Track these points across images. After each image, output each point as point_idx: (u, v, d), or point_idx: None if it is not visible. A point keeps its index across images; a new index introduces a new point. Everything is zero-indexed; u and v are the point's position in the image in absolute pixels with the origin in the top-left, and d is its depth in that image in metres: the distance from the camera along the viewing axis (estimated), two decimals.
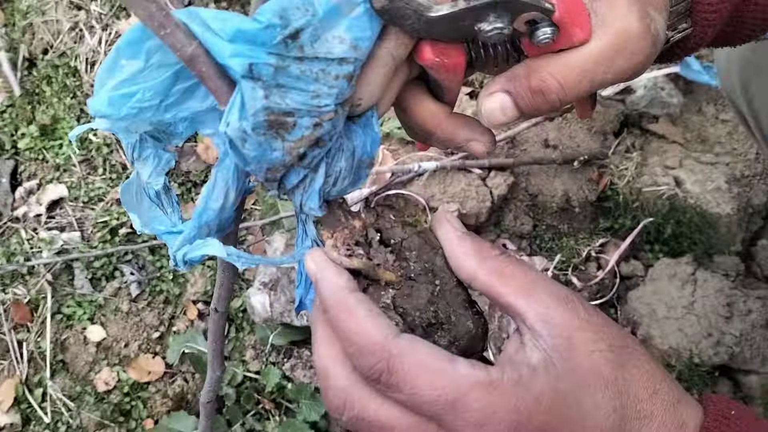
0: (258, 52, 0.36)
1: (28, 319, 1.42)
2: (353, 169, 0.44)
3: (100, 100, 0.40)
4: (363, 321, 0.41)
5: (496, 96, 0.46)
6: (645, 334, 1.31)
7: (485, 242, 0.46)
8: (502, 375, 0.40)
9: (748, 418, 0.42)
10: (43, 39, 1.65)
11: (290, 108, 0.38)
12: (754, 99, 0.87)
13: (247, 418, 1.28)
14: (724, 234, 1.37)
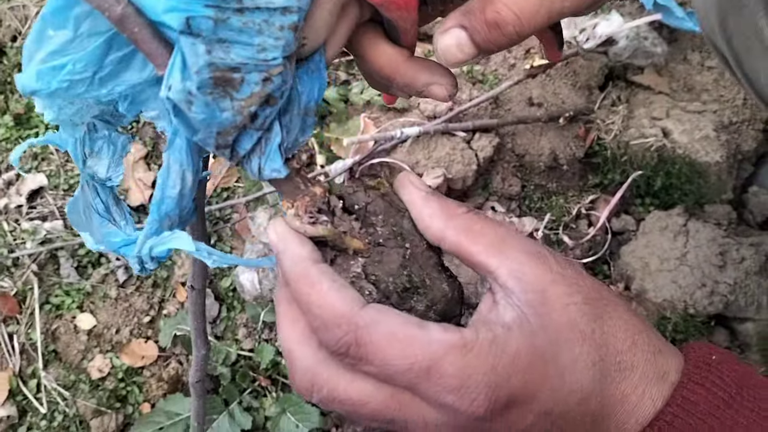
0: (194, 5, 0.34)
1: (16, 311, 1.40)
2: (301, 118, 0.41)
3: (29, 74, 0.37)
4: (327, 293, 0.39)
5: (452, 32, 0.44)
6: (639, 288, 1.30)
7: (451, 201, 0.45)
8: (476, 336, 0.39)
9: (730, 363, 0.42)
10: (10, 26, 1.61)
11: (236, 63, 0.36)
12: (733, 37, 0.85)
13: (243, 396, 1.27)
14: (715, 183, 1.35)
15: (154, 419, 1.25)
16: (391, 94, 0.52)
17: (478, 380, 0.38)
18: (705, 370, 0.41)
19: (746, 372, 0.42)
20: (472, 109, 1.38)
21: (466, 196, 1.41)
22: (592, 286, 0.42)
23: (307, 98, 0.41)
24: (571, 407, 0.40)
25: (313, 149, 1.43)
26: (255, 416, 1.25)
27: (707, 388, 0.40)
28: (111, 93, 0.38)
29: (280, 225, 0.43)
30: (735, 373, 0.41)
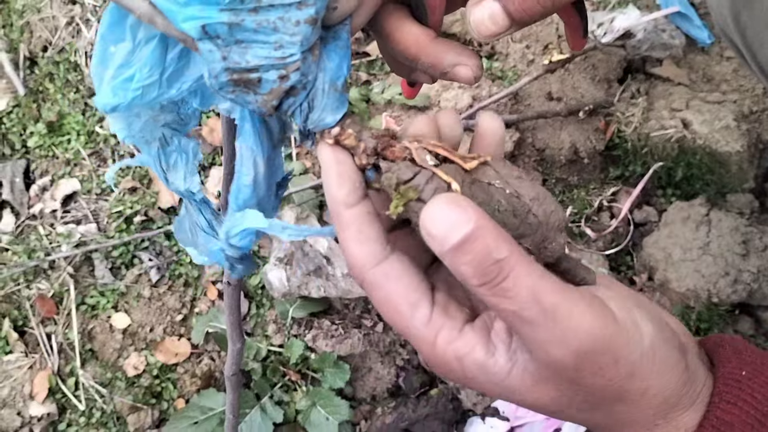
0: (210, 11, 0.35)
1: (54, 313, 1.45)
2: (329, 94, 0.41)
3: (104, 93, 0.39)
4: (348, 243, 0.40)
5: (484, 4, 0.43)
6: (662, 278, 1.31)
7: None
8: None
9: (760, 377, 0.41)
10: (41, 37, 1.66)
11: (252, 65, 0.37)
12: (747, 30, 0.86)
13: (274, 390, 1.30)
14: (736, 172, 1.36)
15: (189, 414, 1.29)
16: (414, 79, 0.53)
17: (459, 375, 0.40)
18: (736, 387, 0.41)
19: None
20: (492, 105, 1.40)
21: None
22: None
23: (335, 75, 0.41)
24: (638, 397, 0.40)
25: None
26: (286, 410, 1.29)
27: (740, 407, 0.40)
28: (180, 92, 0.40)
29: (324, 152, 0.41)
30: (765, 388, 0.41)
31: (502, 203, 0.39)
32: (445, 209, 0.35)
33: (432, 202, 0.35)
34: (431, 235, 0.35)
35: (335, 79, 0.40)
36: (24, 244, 1.51)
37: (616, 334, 0.37)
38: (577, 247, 1.40)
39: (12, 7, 1.69)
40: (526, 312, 0.35)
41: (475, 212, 0.35)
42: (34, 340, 1.44)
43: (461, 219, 0.34)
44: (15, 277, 1.47)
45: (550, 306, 0.35)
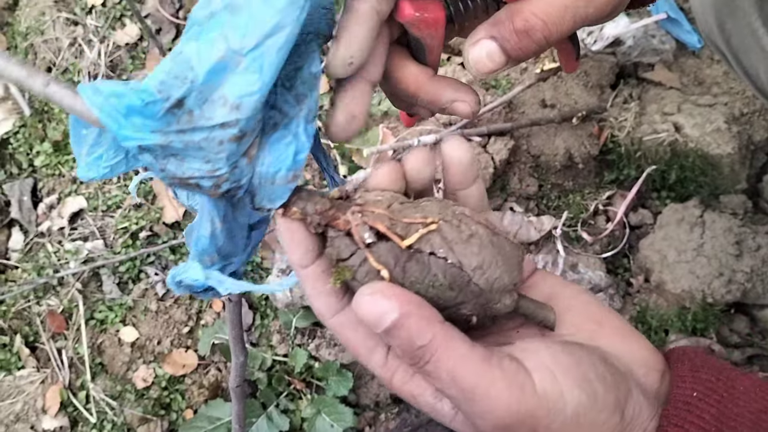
0: (143, 133, 0.38)
1: (64, 328, 1.48)
2: (266, 189, 0.43)
3: (82, 167, 0.43)
4: (308, 296, 0.45)
5: (482, 43, 0.45)
6: (658, 280, 1.34)
7: None
8: None
9: (711, 398, 0.42)
10: (45, 58, 1.70)
11: (187, 175, 0.40)
12: (731, 38, 0.88)
13: (280, 399, 1.33)
14: (728, 173, 1.38)
15: (197, 424, 1.32)
16: (414, 113, 0.55)
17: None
18: (684, 410, 0.42)
19: (731, 401, 0.42)
20: (487, 114, 1.43)
21: None
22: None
23: (274, 170, 0.42)
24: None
25: (335, 161, 1.49)
26: (292, 418, 1.31)
27: (686, 429, 0.41)
28: (146, 163, 0.43)
29: (279, 221, 0.45)
30: (716, 407, 0.42)
31: (438, 278, 0.41)
32: (371, 301, 0.38)
33: (360, 293, 0.39)
34: (363, 319, 0.39)
35: (273, 175, 0.42)
36: (33, 261, 1.55)
37: (536, 407, 0.38)
38: (574, 251, 1.42)
39: (16, 30, 1.73)
40: (448, 392, 0.39)
41: (400, 301, 0.38)
42: (45, 355, 1.47)
43: (386, 309, 0.38)
44: (25, 294, 1.51)
45: (468, 387, 0.38)
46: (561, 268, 1.38)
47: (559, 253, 1.41)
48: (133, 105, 0.37)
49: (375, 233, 0.42)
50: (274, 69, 0.38)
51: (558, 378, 0.40)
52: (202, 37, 0.37)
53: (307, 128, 0.43)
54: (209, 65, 0.36)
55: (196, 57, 0.36)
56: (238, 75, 0.37)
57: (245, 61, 0.37)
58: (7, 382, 1.44)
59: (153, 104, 0.37)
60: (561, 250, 1.41)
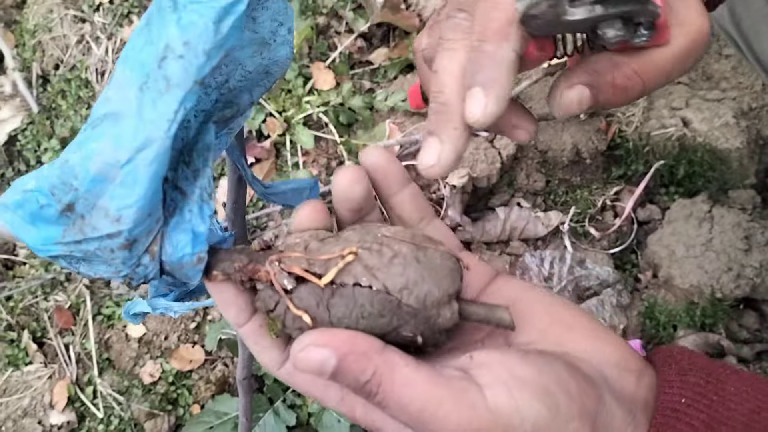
0: (50, 244, 0.40)
1: (71, 324, 1.49)
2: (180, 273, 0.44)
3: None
4: (254, 353, 0.45)
5: (577, 88, 0.45)
6: (666, 275, 1.33)
7: None
8: None
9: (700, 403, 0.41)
10: (53, 55, 1.71)
11: (98, 275, 0.42)
12: (741, 23, 0.88)
13: (287, 394, 1.33)
14: (737, 168, 1.37)
15: (204, 419, 1.32)
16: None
17: None
18: (673, 418, 0.41)
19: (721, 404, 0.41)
20: None
21: (491, 194, 1.45)
22: None
23: (178, 259, 0.43)
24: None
25: (342, 156, 1.49)
26: (299, 413, 1.31)
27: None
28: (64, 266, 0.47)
29: (208, 285, 0.45)
30: (706, 412, 0.41)
31: (365, 308, 0.40)
32: (305, 356, 0.38)
33: (293, 350, 0.38)
34: (309, 373, 0.39)
35: (179, 261, 0.42)
36: (41, 257, 1.55)
37: (490, 424, 0.37)
38: (582, 247, 1.41)
39: (24, 27, 1.74)
40: (400, 419, 0.38)
41: (334, 346, 0.38)
42: (53, 351, 1.48)
43: (323, 358, 0.37)
44: (33, 290, 1.51)
45: (416, 411, 0.37)
46: (569, 264, 1.38)
47: (566, 249, 1.40)
48: (33, 210, 0.39)
49: (294, 278, 0.41)
50: (148, 181, 0.38)
51: (513, 392, 0.38)
52: (84, 146, 0.38)
53: (202, 209, 0.43)
54: (90, 177, 0.38)
55: (79, 166, 0.38)
56: (116, 187, 0.38)
57: (121, 175, 0.38)
58: (15, 378, 1.44)
59: (48, 206, 0.39)
60: (568, 246, 1.41)
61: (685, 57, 0.45)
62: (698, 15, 0.44)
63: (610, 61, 0.45)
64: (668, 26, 0.44)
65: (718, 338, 1.27)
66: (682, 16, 0.44)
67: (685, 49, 0.44)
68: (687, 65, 0.45)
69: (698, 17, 0.44)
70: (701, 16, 0.44)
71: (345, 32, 1.61)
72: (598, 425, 0.40)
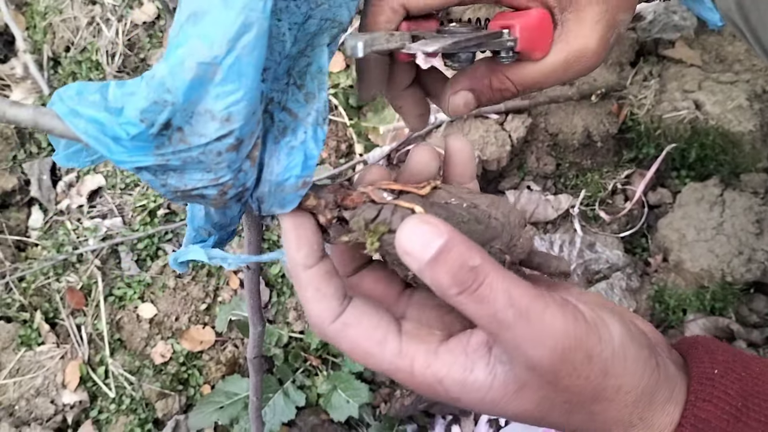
0: (138, 156, 0.36)
1: (83, 304, 1.50)
2: (275, 196, 0.42)
3: (60, 157, 0.42)
4: (307, 302, 0.42)
5: (461, 94, 0.53)
6: (676, 259, 1.32)
7: None
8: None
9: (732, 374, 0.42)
10: (63, 37, 1.71)
11: (189, 186, 0.38)
12: (750, 14, 0.87)
13: (296, 375, 1.34)
14: (749, 152, 1.36)
15: (215, 399, 1.33)
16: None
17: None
18: (709, 386, 0.42)
19: (750, 379, 0.42)
20: None
21: (501, 177, 1.45)
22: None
23: (282, 178, 0.41)
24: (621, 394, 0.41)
25: (351, 139, 1.49)
26: (308, 393, 1.32)
27: (714, 404, 0.41)
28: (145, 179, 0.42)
29: (285, 217, 0.43)
30: (738, 384, 0.42)
31: (463, 215, 0.42)
32: (417, 228, 0.37)
33: (404, 225, 0.37)
34: (408, 253, 0.37)
35: (282, 183, 0.41)
36: (53, 239, 1.56)
37: (588, 333, 0.38)
38: (592, 231, 1.41)
39: (35, 9, 1.74)
40: (502, 314, 0.37)
41: (445, 226, 0.37)
42: (65, 332, 1.49)
43: (433, 234, 0.36)
44: (45, 271, 1.52)
45: (524, 308, 0.37)
46: (578, 247, 1.38)
47: (576, 233, 1.40)
48: (119, 136, 0.35)
49: (391, 192, 0.42)
50: (253, 71, 0.35)
51: (601, 311, 0.40)
52: (171, 55, 0.34)
53: (316, 132, 0.41)
54: (186, 84, 0.34)
55: (170, 78, 0.34)
56: (218, 87, 0.35)
57: (221, 71, 0.34)
58: (28, 358, 1.46)
59: (139, 135, 0.35)
60: (578, 229, 1.40)
61: (561, 70, 0.50)
62: (585, 34, 0.49)
63: (488, 68, 0.52)
64: (541, 48, 0.50)
65: (727, 322, 1.27)
66: (568, 30, 0.50)
67: (561, 65, 0.50)
68: (564, 77, 0.51)
69: (584, 36, 0.49)
70: (589, 36, 0.49)
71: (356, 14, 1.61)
72: (659, 364, 0.42)
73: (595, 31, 0.49)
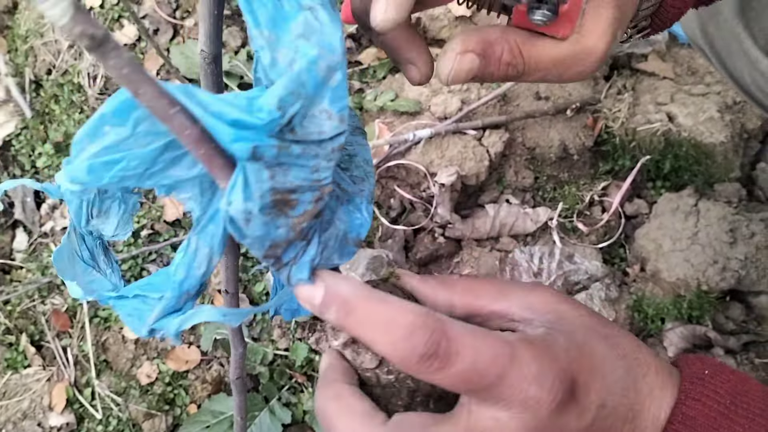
0: (260, 136, 0.36)
1: (68, 326, 1.51)
2: (340, 242, 0.43)
3: (79, 167, 0.37)
4: (399, 303, 0.39)
5: (469, 56, 0.46)
6: (653, 269, 1.35)
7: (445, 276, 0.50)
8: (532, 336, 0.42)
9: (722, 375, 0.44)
10: (45, 60, 1.72)
11: (294, 185, 0.38)
12: (715, 41, 0.90)
13: (282, 392, 1.35)
14: (722, 162, 1.39)
15: (201, 418, 1.34)
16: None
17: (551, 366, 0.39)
18: (699, 384, 0.43)
19: (738, 380, 0.44)
20: (481, 107, 1.44)
21: (481, 191, 1.47)
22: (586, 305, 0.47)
23: (347, 228, 0.43)
24: (618, 399, 0.42)
25: None
26: (294, 411, 1.33)
27: (703, 402, 0.42)
28: (155, 184, 0.39)
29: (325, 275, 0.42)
30: (728, 383, 0.43)
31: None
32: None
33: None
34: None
35: (346, 234, 0.43)
36: (37, 261, 1.57)
37: None
38: (571, 242, 1.43)
39: (16, 33, 1.75)
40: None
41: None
42: (51, 354, 1.50)
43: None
44: (30, 293, 1.53)
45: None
46: (558, 259, 1.40)
47: (555, 244, 1.42)
48: (245, 121, 0.35)
49: None
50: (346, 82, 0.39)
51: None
52: (301, 51, 0.36)
53: (368, 207, 0.44)
54: (316, 82, 0.36)
55: (305, 74, 0.36)
56: (334, 91, 0.37)
57: (337, 77, 0.37)
58: (14, 381, 1.46)
59: (271, 122, 0.35)
60: (557, 241, 1.42)
61: (570, 64, 0.46)
62: (599, 34, 0.46)
63: (502, 34, 0.46)
64: (572, 23, 0.45)
65: (705, 330, 1.29)
66: (585, 28, 0.46)
67: (572, 57, 0.46)
68: (565, 74, 0.47)
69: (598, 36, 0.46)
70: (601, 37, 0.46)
71: None
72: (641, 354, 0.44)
73: (607, 34, 0.46)
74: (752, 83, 0.88)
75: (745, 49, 0.84)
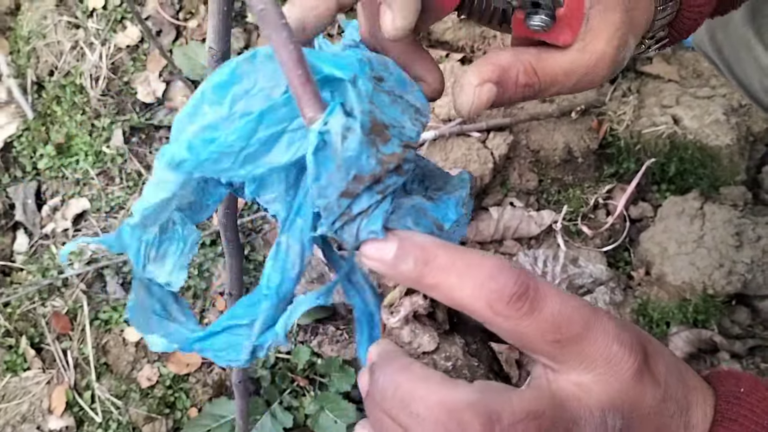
0: (362, 70, 0.38)
1: (68, 329, 1.50)
2: (417, 212, 0.42)
3: (180, 145, 0.38)
4: (478, 251, 0.39)
5: (487, 87, 0.45)
6: (658, 272, 1.34)
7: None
8: None
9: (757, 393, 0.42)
10: (47, 61, 1.71)
11: (387, 121, 0.38)
12: (723, 48, 0.89)
13: (283, 396, 1.34)
14: (728, 165, 1.38)
15: (202, 422, 1.33)
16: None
17: (624, 327, 0.39)
18: (735, 404, 0.42)
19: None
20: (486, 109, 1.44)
21: (485, 194, 1.46)
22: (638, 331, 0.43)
23: (435, 213, 0.43)
24: (675, 382, 0.41)
25: None
26: (295, 415, 1.32)
27: (740, 423, 0.41)
28: (248, 174, 0.39)
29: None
30: (764, 401, 0.42)
31: None
32: None
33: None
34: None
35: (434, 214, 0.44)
36: (38, 263, 1.56)
37: None
38: (575, 245, 1.42)
39: (18, 34, 1.75)
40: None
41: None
42: (51, 356, 1.49)
43: None
44: (30, 295, 1.52)
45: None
46: (562, 262, 1.39)
47: (559, 248, 1.41)
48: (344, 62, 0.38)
49: None
50: None
51: None
52: None
53: (457, 207, 0.45)
54: (401, 75, 0.43)
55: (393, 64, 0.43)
56: (415, 90, 0.43)
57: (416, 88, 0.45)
58: (14, 383, 1.45)
59: (364, 66, 0.39)
60: (562, 245, 1.41)
61: (582, 74, 0.46)
62: (607, 39, 0.45)
63: (514, 56, 0.45)
64: (573, 29, 0.44)
65: (710, 334, 1.28)
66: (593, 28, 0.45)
67: (583, 66, 0.45)
68: (580, 83, 0.46)
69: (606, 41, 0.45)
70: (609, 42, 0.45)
71: (337, 35, 1.62)
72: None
73: (615, 38, 0.45)
74: (762, 90, 0.87)
75: (755, 55, 0.83)
